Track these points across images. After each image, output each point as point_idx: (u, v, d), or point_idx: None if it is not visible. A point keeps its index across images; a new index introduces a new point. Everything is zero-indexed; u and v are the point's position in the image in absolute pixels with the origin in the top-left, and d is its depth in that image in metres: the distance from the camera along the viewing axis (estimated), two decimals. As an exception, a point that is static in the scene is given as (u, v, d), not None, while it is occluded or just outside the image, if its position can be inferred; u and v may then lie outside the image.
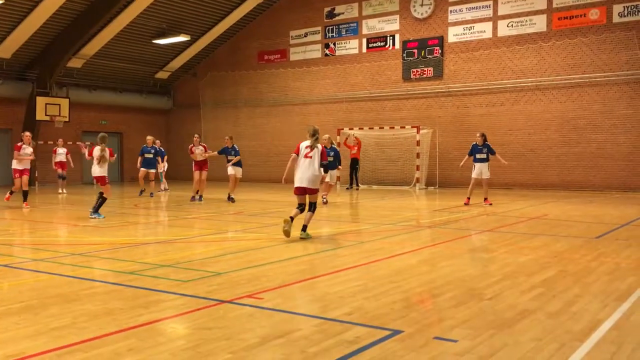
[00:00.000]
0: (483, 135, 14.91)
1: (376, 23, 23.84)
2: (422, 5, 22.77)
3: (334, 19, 24.85)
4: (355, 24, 24.37)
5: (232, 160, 16.09)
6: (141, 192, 18.36)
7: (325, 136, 15.05)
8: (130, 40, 24.72)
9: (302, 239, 8.95)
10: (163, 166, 20.07)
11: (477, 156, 14.84)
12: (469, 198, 14.79)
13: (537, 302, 5.19)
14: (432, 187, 21.85)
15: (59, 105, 24.05)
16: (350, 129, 23.61)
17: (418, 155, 21.64)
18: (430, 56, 22.61)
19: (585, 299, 5.27)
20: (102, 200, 12.09)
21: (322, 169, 9.18)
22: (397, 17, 23.40)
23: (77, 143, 24.29)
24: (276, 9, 26.21)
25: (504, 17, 21.23)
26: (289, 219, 8.91)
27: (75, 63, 24.43)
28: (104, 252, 8.09)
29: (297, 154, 9.22)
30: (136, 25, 23.63)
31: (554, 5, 20.34)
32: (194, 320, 4.68)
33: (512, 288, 5.74)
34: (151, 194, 18.22)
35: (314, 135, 9.27)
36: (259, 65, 27.01)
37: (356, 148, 21.67)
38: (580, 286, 5.80)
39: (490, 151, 14.85)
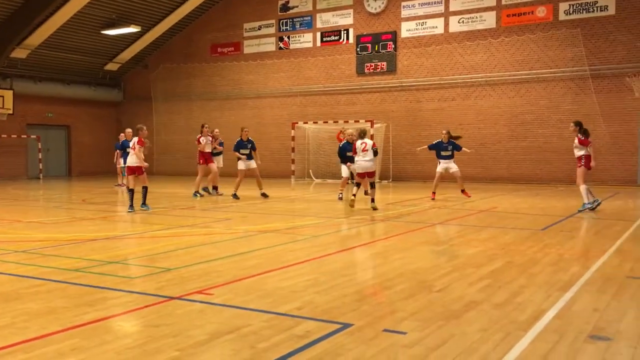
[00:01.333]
0: (448, 133, 15.04)
1: (330, 17, 23.86)
2: (375, 0, 22.90)
3: (288, 12, 24.73)
4: (309, 18, 24.32)
5: (244, 154, 14.99)
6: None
7: (349, 131, 14.82)
8: (78, 30, 23.97)
9: (374, 209, 12.21)
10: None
11: (442, 153, 14.96)
12: (434, 192, 14.94)
13: (484, 293, 5.30)
14: (386, 181, 22.07)
15: (2, 97, 23.19)
16: (304, 123, 23.59)
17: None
18: (383, 51, 22.79)
19: (530, 290, 5.42)
20: (145, 190, 12.29)
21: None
22: (351, 11, 23.47)
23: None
24: (230, 1, 25.89)
25: (455, 13, 21.58)
26: (353, 197, 12.53)
27: (20, 53, 23.53)
28: (48, 249, 7.83)
29: (356, 153, 12.60)
30: (84, 14, 22.91)
31: (503, 2, 20.80)
32: (142, 318, 4.58)
33: (460, 280, 5.84)
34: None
35: (364, 135, 12.73)
36: (212, 57, 26.65)
37: None
38: (526, 277, 5.96)
39: (456, 148, 15.01)
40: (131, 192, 12.31)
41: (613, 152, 19.31)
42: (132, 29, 24.10)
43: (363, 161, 12.51)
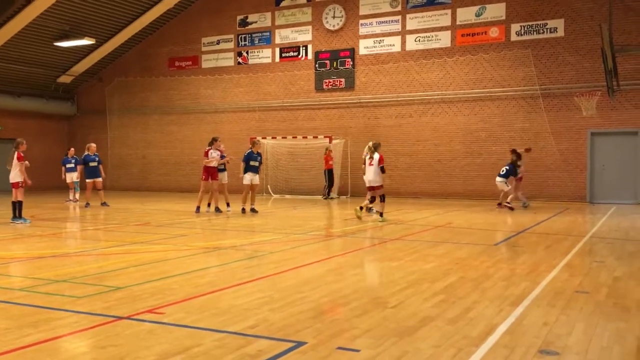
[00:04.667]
0: None
1: (289, 33, 23.96)
2: (333, 17, 23.14)
3: (246, 27, 24.72)
4: (268, 33, 24.37)
5: (253, 166, 15.03)
6: (88, 204, 17.18)
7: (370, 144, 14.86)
8: (29, 41, 23.34)
9: (380, 222, 12.80)
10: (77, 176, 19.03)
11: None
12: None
13: (438, 308, 5.33)
14: (344, 197, 22.15)
15: (-52, 108, 22.28)
16: (263, 138, 23.49)
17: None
18: (342, 67, 23.00)
19: (482, 304, 5.48)
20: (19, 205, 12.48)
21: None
22: (309, 27, 23.63)
23: None
24: (187, 15, 25.72)
25: (411, 32, 21.98)
26: (359, 208, 13.33)
27: (-33, 64, 22.76)
28: (-8, 268, 7.51)
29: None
30: (36, 26, 22.35)
31: (458, 22, 21.33)
32: (88, 339, 4.42)
33: (415, 295, 5.87)
34: (103, 203, 17.27)
35: (376, 148, 13.33)
36: (170, 71, 26.36)
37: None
38: (479, 292, 6.03)
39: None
40: (14, 204, 12.71)
41: (563, 169, 19.91)
42: (85, 41, 23.62)
43: (367, 174, 13.27)
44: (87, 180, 17.58)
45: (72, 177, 19.08)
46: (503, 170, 16.87)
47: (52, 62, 25.59)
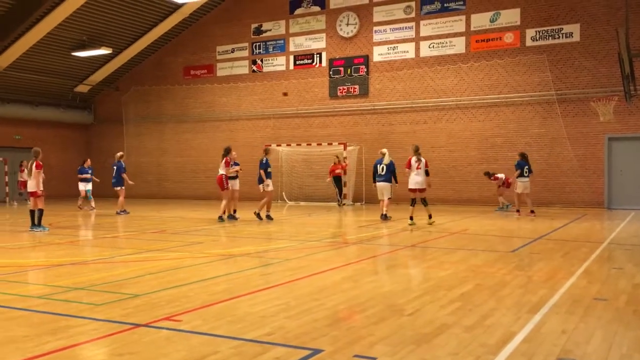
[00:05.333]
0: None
1: (303, 40, 24.06)
2: (347, 24, 23.20)
3: (261, 36, 24.87)
4: (282, 41, 24.49)
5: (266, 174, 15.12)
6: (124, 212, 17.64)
7: (382, 150, 15.22)
8: (48, 52, 23.69)
9: (430, 224, 13.60)
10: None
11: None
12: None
13: (455, 316, 5.30)
14: (359, 203, 22.12)
15: (-32, 118, 22.67)
16: (278, 145, 23.60)
17: (345, 172, 21.88)
18: (356, 74, 23.03)
19: (499, 312, 5.44)
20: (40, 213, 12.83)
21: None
22: (323, 35, 23.72)
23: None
24: (202, 24, 25.95)
25: (425, 38, 21.97)
26: (410, 219, 13.70)
27: (-13, 74, 23.15)
28: (11, 275, 7.61)
29: (409, 167, 13.82)
30: (54, 36, 22.69)
31: (472, 28, 21.27)
32: (106, 347, 4.46)
33: (431, 303, 5.84)
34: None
35: (419, 152, 13.89)
36: (185, 80, 26.59)
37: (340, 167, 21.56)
38: (496, 299, 5.98)
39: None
40: (32, 212, 12.99)
41: (580, 174, 19.71)
42: (102, 51, 23.92)
43: (416, 177, 13.75)
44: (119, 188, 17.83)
45: (86, 186, 19.43)
46: (526, 172, 16.71)
47: (70, 72, 25.93)
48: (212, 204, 15.47)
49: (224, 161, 15.01)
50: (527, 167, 16.73)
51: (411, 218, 13.77)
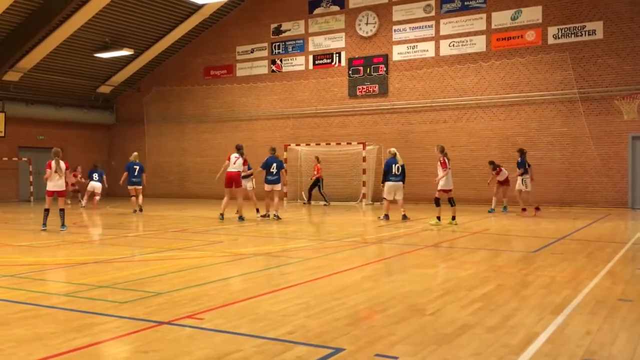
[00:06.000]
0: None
1: (322, 40, 24.08)
2: (367, 24, 23.16)
3: (280, 36, 24.95)
4: (301, 41, 24.54)
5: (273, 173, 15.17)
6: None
7: (391, 150, 15.50)
8: (70, 53, 24.05)
9: (453, 224, 13.55)
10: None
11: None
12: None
13: (477, 316, 5.28)
14: (379, 203, 22.06)
15: (-6, 119, 23.11)
16: (297, 145, 23.65)
17: (364, 171, 21.88)
18: (375, 74, 22.98)
19: (522, 313, 5.40)
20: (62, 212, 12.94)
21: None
22: (342, 34, 23.71)
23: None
24: (222, 25, 26.11)
25: (445, 37, 21.84)
26: (438, 219, 13.66)
27: (12, 76, 23.55)
28: (38, 273, 7.75)
29: (446, 167, 13.87)
30: (77, 38, 23.02)
31: (493, 27, 21.10)
32: (130, 344, 4.52)
33: (452, 303, 5.82)
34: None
35: (444, 150, 14.14)
36: (205, 80, 26.78)
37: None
38: (518, 300, 5.94)
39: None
40: (62, 211, 13.01)
41: (603, 174, 19.44)
42: (124, 52, 24.21)
43: (450, 177, 14.04)
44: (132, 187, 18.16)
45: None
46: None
47: (92, 73, 26.29)
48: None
49: (242, 160, 14.98)
50: (527, 164, 16.66)
51: (439, 218, 13.76)
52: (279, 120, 25.07)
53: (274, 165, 15.19)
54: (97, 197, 20.71)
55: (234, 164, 14.80)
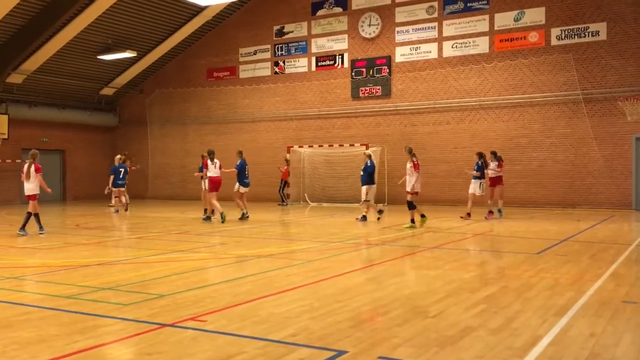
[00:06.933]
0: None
1: (325, 42, 24.09)
2: (369, 25, 23.16)
3: (283, 37, 24.97)
4: (304, 43, 24.55)
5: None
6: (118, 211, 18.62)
7: (368, 152, 15.86)
8: (73, 55, 24.10)
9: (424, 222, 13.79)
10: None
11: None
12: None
13: (480, 318, 5.27)
14: (381, 205, 22.03)
15: (-3, 121, 23.17)
16: (300, 147, 23.66)
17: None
18: (378, 75, 22.98)
19: (525, 315, 5.39)
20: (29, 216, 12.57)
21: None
22: (345, 36, 23.71)
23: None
24: (225, 27, 26.14)
25: (448, 38, 21.83)
26: (411, 222, 13.58)
27: (15, 78, 23.61)
28: (41, 275, 7.76)
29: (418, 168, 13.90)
30: (80, 40, 23.07)
31: (496, 28, 21.07)
32: (133, 346, 4.52)
33: (456, 305, 5.81)
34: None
35: (412, 151, 14.21)
36: (208, 82, 26.80)
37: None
38: (521, 302, 5.93)
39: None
40: (35, 215, 12.70)
41: (607, 175, 19.39)
42: (127, 54, 24.24)
43: (420, 179, 14.07)
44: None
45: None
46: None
47: (95, 75, 26.34)
48: (234, 206, 15.56)
49: (219, 164, 15.81)
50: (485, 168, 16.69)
51: (413, 221, 13.71)
52: (281, 121, 25.08)
53: (246, 167, 16.10)
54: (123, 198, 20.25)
55: (216, 168, 15.72)
